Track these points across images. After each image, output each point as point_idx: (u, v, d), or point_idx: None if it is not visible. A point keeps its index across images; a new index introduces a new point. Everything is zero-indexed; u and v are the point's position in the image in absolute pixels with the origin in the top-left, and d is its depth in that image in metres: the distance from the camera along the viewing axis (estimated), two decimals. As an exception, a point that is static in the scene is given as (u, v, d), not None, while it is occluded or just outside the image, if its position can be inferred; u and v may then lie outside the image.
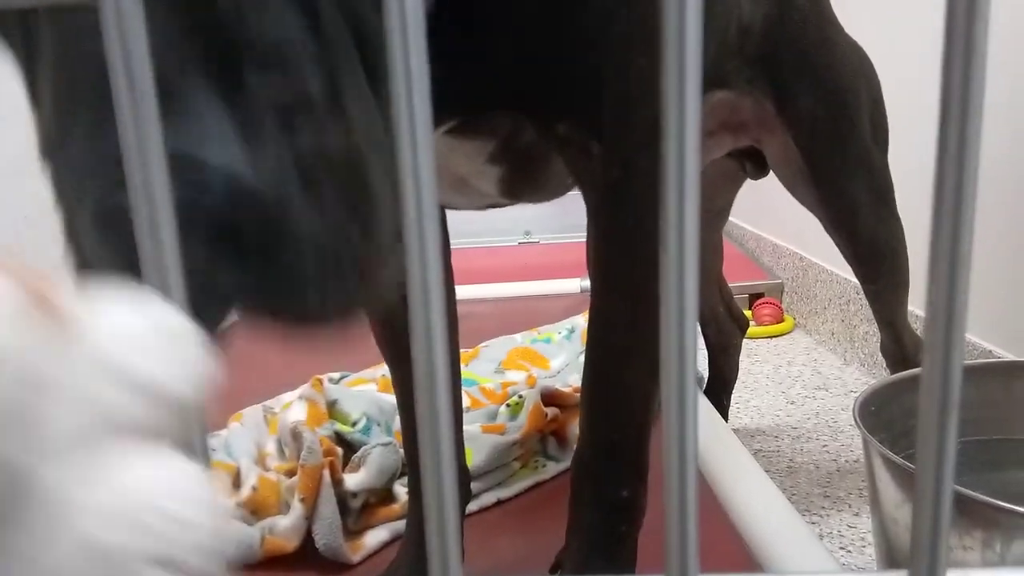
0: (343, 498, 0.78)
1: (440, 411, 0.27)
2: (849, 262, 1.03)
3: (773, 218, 2.11)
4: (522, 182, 0.63)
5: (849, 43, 0.98)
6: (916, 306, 1.43)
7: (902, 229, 1.01)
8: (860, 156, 0.96)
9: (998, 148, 1.15)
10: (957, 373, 0.29)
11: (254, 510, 0.77)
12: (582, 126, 0.54)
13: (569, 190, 0.70)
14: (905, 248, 1.03)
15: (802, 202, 1.00)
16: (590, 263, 0.57)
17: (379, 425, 0.95)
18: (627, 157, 0.53)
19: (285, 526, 0.74)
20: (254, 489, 0.78)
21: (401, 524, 0.79)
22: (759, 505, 0.75)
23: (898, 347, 1.12)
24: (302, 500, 0.76)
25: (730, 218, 2.68)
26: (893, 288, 1.06)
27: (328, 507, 0.75)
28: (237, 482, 0.82)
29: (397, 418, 0.98)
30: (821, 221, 1.00)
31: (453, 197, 0.64)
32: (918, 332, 1.38)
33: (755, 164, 1.05)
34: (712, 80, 0.86)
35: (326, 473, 0.78)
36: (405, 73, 0.25)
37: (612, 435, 0.56)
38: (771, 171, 1.03)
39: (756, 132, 0.98)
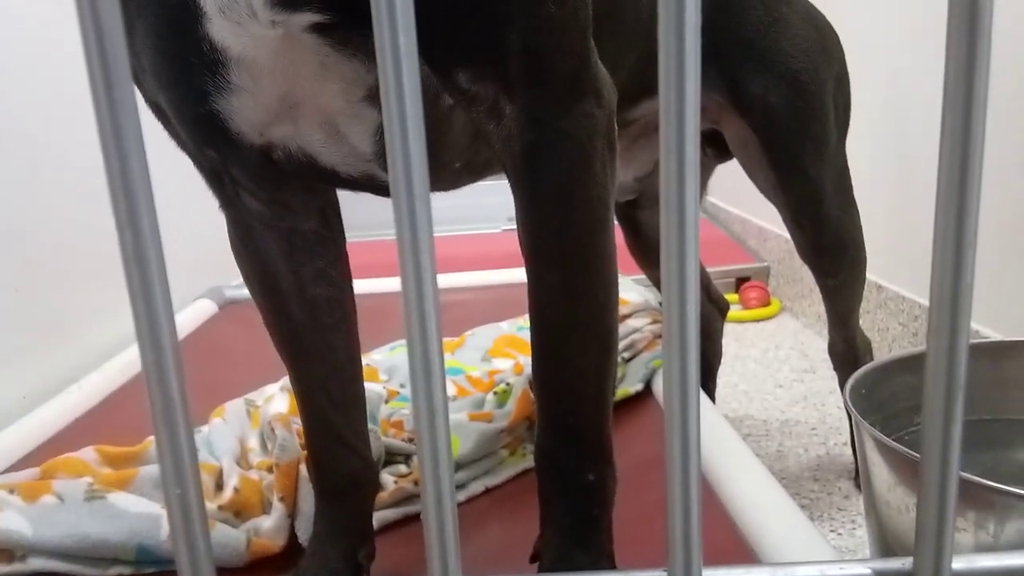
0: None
1: (436, 404, 0.26)
2: (807, 255, 0.99)
3: (759, 201, 2.10)
4: None
5: (807, 17, 0.94)
6: (917, 294, 1.43)
7: (860, 219, 1.00)
8: (820, 142, 0.93)
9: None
10: (962, 360, 0.28)
11: (237, 512, 0.75)
12: (485, 78, 0.48)
13: (459, 179, 0.63)
14: (863, 241, 1.01)
15: (760, 188, 0.97)
16: (520, 239, 0.54)
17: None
18: (543, 118, 0.49)
19: (269, 526, 0.72)
20: (236, 490, 0.76)
21: (388, 513, 0.78)
22: (753, 492, 0.74)
23: (849, 348, 1.11)
24: (281, 499, 0.74)
25: (715, 201, 2.68)
26: (852, 283, 1.03)
27: (308, 502, 0.74)
28: (220, 483, 0.80)
29: (383, 406, 0.97)
30: (780, 209, 0.97)
31: (322, 145, 0.54)
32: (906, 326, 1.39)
33: (717, 148, 1.02)
34: (643, 88, 0.81)
35: (303, 468, 0.76)
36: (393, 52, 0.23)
37: (568, 419, 0.54)
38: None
39: (715, 115, 0.96)
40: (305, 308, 0.63)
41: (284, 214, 0.60)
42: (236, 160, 0.56)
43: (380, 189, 0.60)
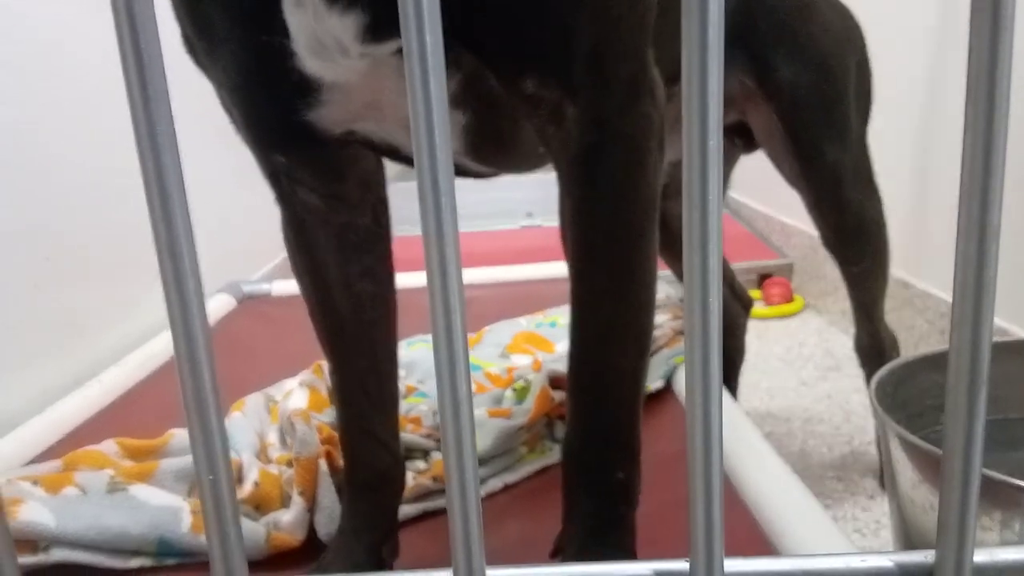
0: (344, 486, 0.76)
1: (461, 396, 0.25)
2: (831, 243, 0.99)
3: (782, 197, 2.09)
4: (489, 140, 0.57)
5: (832, 4, 0.95)
6: (944, 291, 1.41)
7: (883, 207, 0.99)
8: (842, 126, 0.93)
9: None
10: (985, 353, 0.28)
11: (257, 505, 0.76)
12: (551, 84, 0.49)
13: (541, 162, 0.65)
14: (887, 228, 1.00)
15: (786, 178, 0.98)
16: (566, 239, 0.54)
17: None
18: (604, 119, 0.50)
19: (288, 520, 0.73)
20: (256, 484, 0.77)
21: (407, 508, 0.78)
22: (775, 489, 0.74)
23: (874, 342, 1.09)
24: (301, 493, 0.74)
25: (739, 197, 2.67)
26: (876, 271, 1.03)
27: (328, 497, 0.74)
28: (239, 476, 0.80)
29: (402, 402, 0.97)
30: (804, 197, 0.97)
31: (406, 139, 0.56)
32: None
33: (745, 139, 1.02)
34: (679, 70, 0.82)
35: (322, 463, 0.77)
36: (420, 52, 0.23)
37: (602, 418, 0.54)
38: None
39: (741, 105, 0.96)
40: (351, 302, 0.64)
41: (340, 208, 0.61)
42: (306, 157, 0.58)
43: (463, 175, 0.63)
